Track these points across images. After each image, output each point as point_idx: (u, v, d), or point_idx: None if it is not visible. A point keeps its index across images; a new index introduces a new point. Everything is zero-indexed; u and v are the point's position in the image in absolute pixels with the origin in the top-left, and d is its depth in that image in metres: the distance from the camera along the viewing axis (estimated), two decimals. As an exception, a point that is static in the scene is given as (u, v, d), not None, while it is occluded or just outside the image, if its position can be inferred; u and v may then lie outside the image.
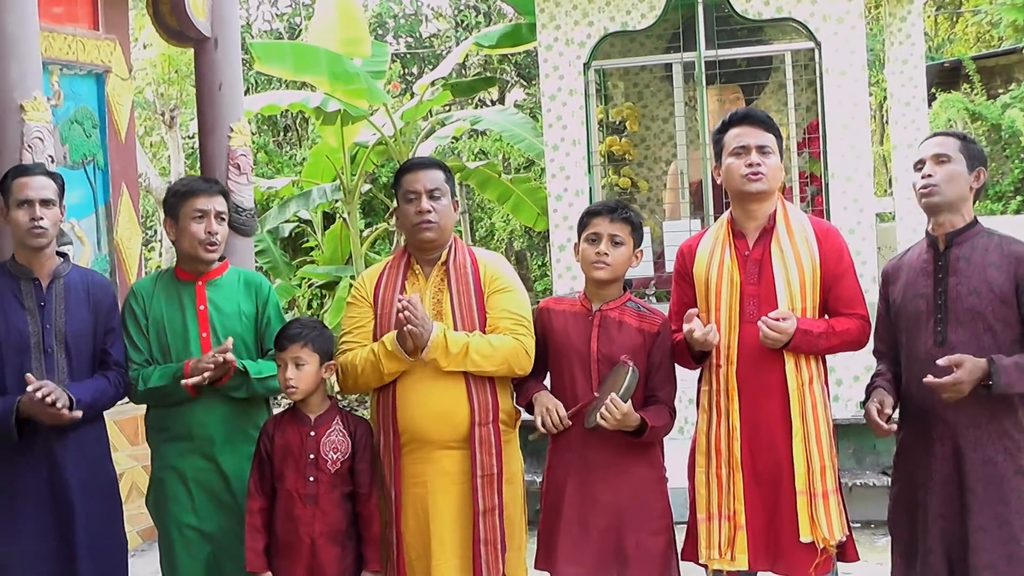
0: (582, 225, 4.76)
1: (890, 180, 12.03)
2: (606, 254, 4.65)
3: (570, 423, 4.64)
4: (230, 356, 4.72)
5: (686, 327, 4.54)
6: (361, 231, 14.38)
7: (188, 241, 4.95)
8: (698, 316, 4.57)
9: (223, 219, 4.99)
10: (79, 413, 4.66)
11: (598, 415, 4.47)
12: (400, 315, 4.49)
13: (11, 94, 5.93)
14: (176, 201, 4.99)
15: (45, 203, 4.81)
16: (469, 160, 16.43)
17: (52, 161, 6.03)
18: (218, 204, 4.97)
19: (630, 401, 4.47)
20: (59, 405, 4.59)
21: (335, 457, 4.65)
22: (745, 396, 4.59)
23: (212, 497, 4.91)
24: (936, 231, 4.55)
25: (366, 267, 13.14)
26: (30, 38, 6.02)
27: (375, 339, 4.73)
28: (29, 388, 4.59)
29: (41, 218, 4.78)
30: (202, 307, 4.94)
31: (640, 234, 4.74)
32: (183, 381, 4.74)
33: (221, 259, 5.11)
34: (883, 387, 4.59)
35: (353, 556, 4.68)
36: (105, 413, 5.04)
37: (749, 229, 4.70)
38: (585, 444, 4.64)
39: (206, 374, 4.72)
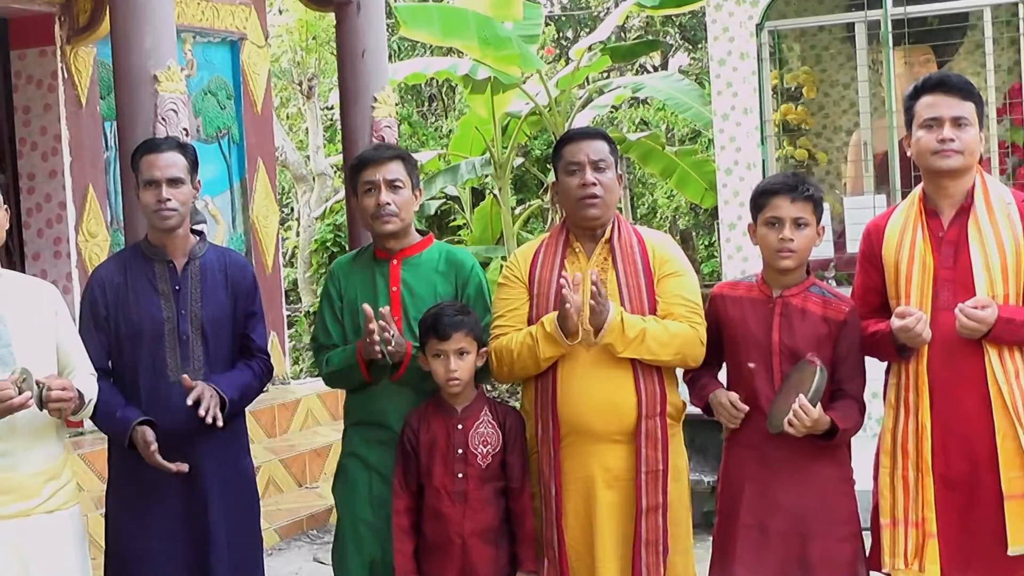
0: (758, 206, 4.67)
1: (1102, 150, 11.67)
2: (791, 240, 4.56)
3: (747, 408, 4.59)
4: (396, 336, 4.63)
5: (896, 323, 4.45)
6: (513, 208, 14.43)
7: (363, 216, 4.95)
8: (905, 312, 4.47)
9: (399, 187, 4.87)
10: (184, 467, 4.73)
11: (786, 421, 4.43)
12: (592, 288, 4.44)
13: (145, 64, 6.06)
14: (351, 176, 5.01)
15: (173, 182, 4.80)
16: (629, 131, 16.40)
17: (186, 134, 6.16)
18: (388, 172, 4.87)
19: (819, 404, 4.41)
20: (208, 419, 4.66)
21: (485, 451, 4.66)
22: (938, 391, 4.49)
23: (390, 491, 4.83)
24: None
25: (518, 247, 13.21)
26: (164, 4, 6.15)
27: (530, 322, 4.72)
28: (190, 398, 4.66)
29: (168, 199, 4.78)
30: (395, 288, 4.89)
31: (822, 208, 4.67)
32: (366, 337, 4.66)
33: (424, 234, 5.08)
34: None
35: (507, 556, 4.70)
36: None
37: (944, 207, 4.59)
38: (765, 441, 4.58)
39: (376, 347, 4.63)
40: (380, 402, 4.87)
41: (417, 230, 5.05)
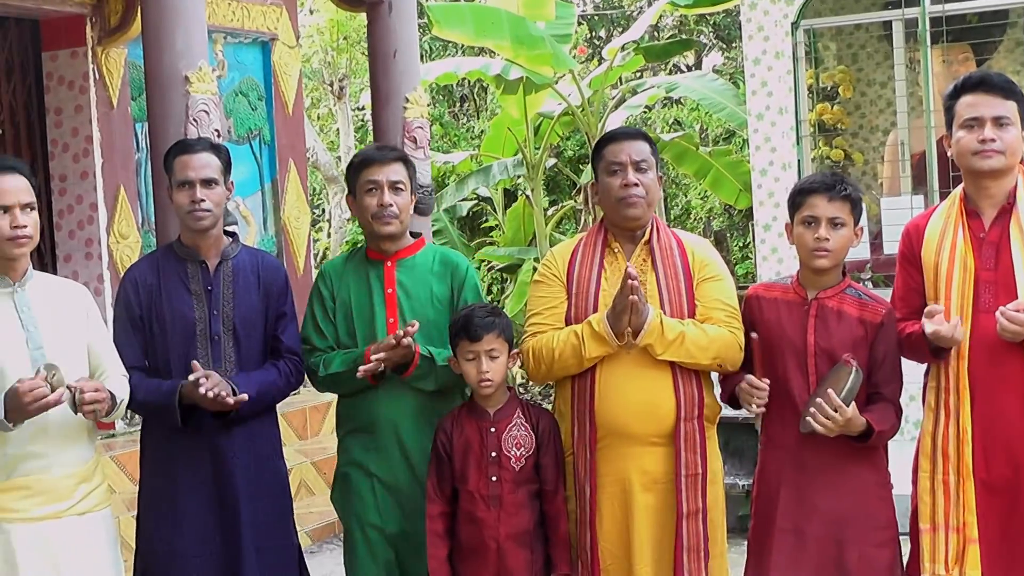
0: (795, 204, 4.66)
1: None
2: (827, 239, 4.54)
3: (767, 382, 4.56)
4: (408, 340, 4.68)
5: (929, 327, 4.42)
6: (545, 210, 14.41)
7: (362, 216, 4.97)
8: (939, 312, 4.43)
9: (400, 189, 4.92)
10: (244, 396, 4.70)
11: (811, 416, 4.40)
12: (631, 283, 4.42)
13: (176, 64, 6.08)
14: (351, 174, 5.02)
15: (206, 183, 4.82)
16: (663, 131, 16.36)
17: (218, 135, 6.19)
18: (392, 173, 4.91)
19: (853, 404, 4.40)
20: (223, 395, 4.65)
21: (518, 453, 4.66)
22: (979, 395, 4.47)
23: (396, 496, 4.90)
24: None
25: (553, 247, 13.19)
26: (196, 4, 6.17)
27: (568, 322, 4.72)
28: (191, 376, 4.65)
29: (202, 200, 4.80)
30: (390, 290, 4.92)
31: (860, 209, 4.64)
32: (360, 368, 4.73)
33: (417, 236, 5.10)
34: None
35: (542, 559, 4.69)
36: (274, 405, 5.14)
37: (985, 208, 4.56)
38: (801, 444, 4.57)
39: (381, 354, 4.69)
40: (378, 408, 4.89)
41: (409, 232, 5.08)
